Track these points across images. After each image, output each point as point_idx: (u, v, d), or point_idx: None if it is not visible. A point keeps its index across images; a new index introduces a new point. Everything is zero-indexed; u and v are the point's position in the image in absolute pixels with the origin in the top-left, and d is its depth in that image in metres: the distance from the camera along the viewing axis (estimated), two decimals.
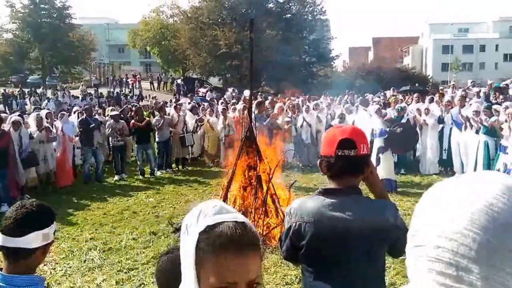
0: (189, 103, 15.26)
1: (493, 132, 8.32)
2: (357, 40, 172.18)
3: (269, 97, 17.40)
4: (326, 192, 1.96)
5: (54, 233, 1.69)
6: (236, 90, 25.46)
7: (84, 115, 10.34)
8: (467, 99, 11.55)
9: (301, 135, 11.44)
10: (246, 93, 23.73)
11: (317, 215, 1.91)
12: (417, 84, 23.65)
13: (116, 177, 10.26)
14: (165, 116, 11.01)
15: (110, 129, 10.14)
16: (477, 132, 8.69)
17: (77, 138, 10.04)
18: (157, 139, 10.84)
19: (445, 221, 0.73)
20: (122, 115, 11.75)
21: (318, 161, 2.03)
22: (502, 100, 10.54)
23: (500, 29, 55.21)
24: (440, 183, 0.79)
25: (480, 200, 0.72)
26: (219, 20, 35.22)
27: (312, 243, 1.92)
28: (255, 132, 6.92)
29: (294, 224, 1.95)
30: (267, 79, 35.20)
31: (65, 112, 10.61)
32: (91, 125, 9.73)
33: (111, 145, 10.47)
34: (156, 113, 12.08)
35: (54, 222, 1.68)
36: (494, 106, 9.62)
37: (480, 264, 0.70)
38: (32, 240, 1.57)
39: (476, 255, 0.70)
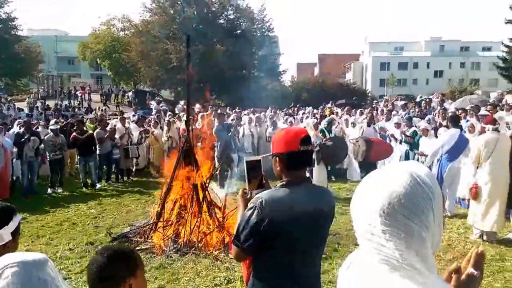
0: (133, 115, 15.60)
1: (414, 142, 9.16)
2: (305, 56, 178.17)
3: (218, 110, 18.09)
4: (289, 184, 2.15)
5: (14, 233, 1.86)
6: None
7: (22, 128, 10.33)
8: (394, 112, 12.86)
9: (243, 145, 12.17)
10: (197, 106, 24.33)
11: (289, 205, 2.07)
12: (354, 98, 25.28)
13: (49, 190, 10.23)
14: (106, 129, 11.15)
15: (50, 143, 10.14)
16: (400, 142, 9.57)
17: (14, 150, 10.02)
18: (98, 152, 10.83)
19: (372, 204, 1.08)
20: (65, 128, 11.79)
21: (276, 158, 2.20)
22: (418, 113, 11.93)
23: (431, 48, 59.44)
24: (368, 176, 1.16)
25: (394, 186, 1.07)
26: (170, 34, 35.69)
27: (288, 230, 2.07)
28: (192, 142, 7.43)
29: (269, 216, 2.04)
30: (217, 92, 35.90)
31: (2, 127, 10.42)
32: (22, 139, 9.73)
33: (47, 158, 10.40)
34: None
35: (8, 224, 1.84)
36: (415, 119, 10.90)
37: (395, 227, 1.06)
38: None
39: (391, 222, 1.06)
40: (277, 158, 2.21)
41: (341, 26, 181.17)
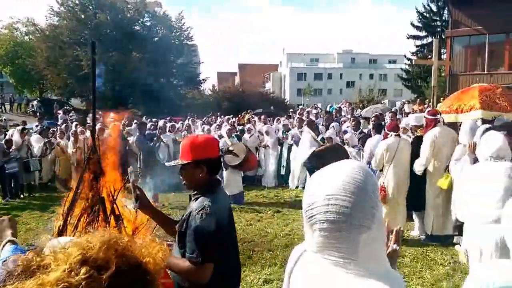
0: (36, 125, 14.48)
1: None
2: (225, 66, 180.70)
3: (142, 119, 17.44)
4: (215, 188, 2.28)
5: None
6: (100, 112, 24.57)
7: None
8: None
9: (159, 156, 11.78)
10: (110, 115, 23.17)
11: (224, 207, 2.27)
12: (272, 107, 26.04)
13: None
14: None
15: None
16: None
17: None
18: None
19: (327, 194, 1.11)
20: None
21: (201, 164, 2.22)
22: (326, 122, 12.50)
23: (343, 60, 63.58)
24: (319, 171, 1.20)
25: (347, 176, 1.12)
26: (81, 40, 33.83)
27: (230, 231, 2.30)
28: (99, 152, 7.02)
29: (220, 219, 2.14)
30: (134, 101, 34.85)
31: None
32: None
33: None
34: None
35: None
36: (320, 127, 11.36)
37: (352, 215, 1.08)
38: None
39: (349, 210, 1.08)
40: (202, 164, 2.22)
41: (260, 37, 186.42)
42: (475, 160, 4.11)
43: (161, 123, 14.39)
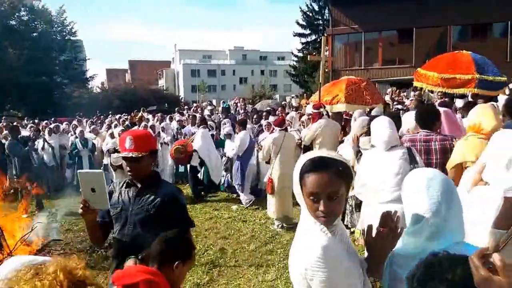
0: None
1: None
2: (115, 62, 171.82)
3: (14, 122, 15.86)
4: (160, 178, 2.69)
5: None
6: None
7: None
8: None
9: (44, 158, 10.97)
10: None
11: None
12: (166, 104, 25.72)
13: None
14: None
15: None
16: None
17: None
18: None
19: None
20: None
21: (155, 155, 2.60)
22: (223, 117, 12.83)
23: (235, 56, 65.22)
24: None
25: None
26: None
27: None
28: None
29: None
30: (13, 101, 31.71)
31: None
32: None
33: None
34: None
35: None
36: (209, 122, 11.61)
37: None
38: None
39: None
40: (155, 154, 2.58)
41: (151, 33, 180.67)
42: (358, 152, 4.53)
43: (43, 124, 13.38)
